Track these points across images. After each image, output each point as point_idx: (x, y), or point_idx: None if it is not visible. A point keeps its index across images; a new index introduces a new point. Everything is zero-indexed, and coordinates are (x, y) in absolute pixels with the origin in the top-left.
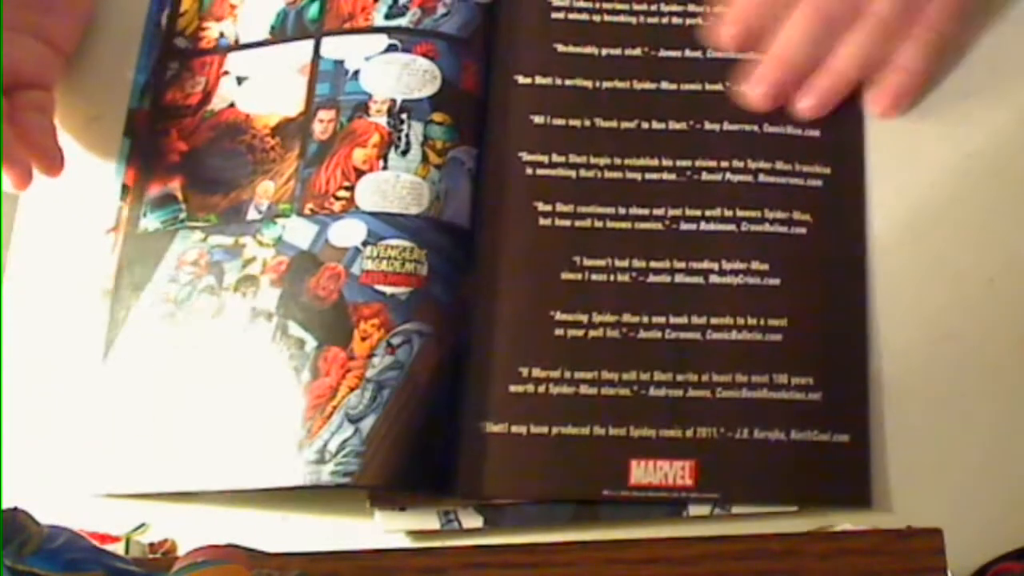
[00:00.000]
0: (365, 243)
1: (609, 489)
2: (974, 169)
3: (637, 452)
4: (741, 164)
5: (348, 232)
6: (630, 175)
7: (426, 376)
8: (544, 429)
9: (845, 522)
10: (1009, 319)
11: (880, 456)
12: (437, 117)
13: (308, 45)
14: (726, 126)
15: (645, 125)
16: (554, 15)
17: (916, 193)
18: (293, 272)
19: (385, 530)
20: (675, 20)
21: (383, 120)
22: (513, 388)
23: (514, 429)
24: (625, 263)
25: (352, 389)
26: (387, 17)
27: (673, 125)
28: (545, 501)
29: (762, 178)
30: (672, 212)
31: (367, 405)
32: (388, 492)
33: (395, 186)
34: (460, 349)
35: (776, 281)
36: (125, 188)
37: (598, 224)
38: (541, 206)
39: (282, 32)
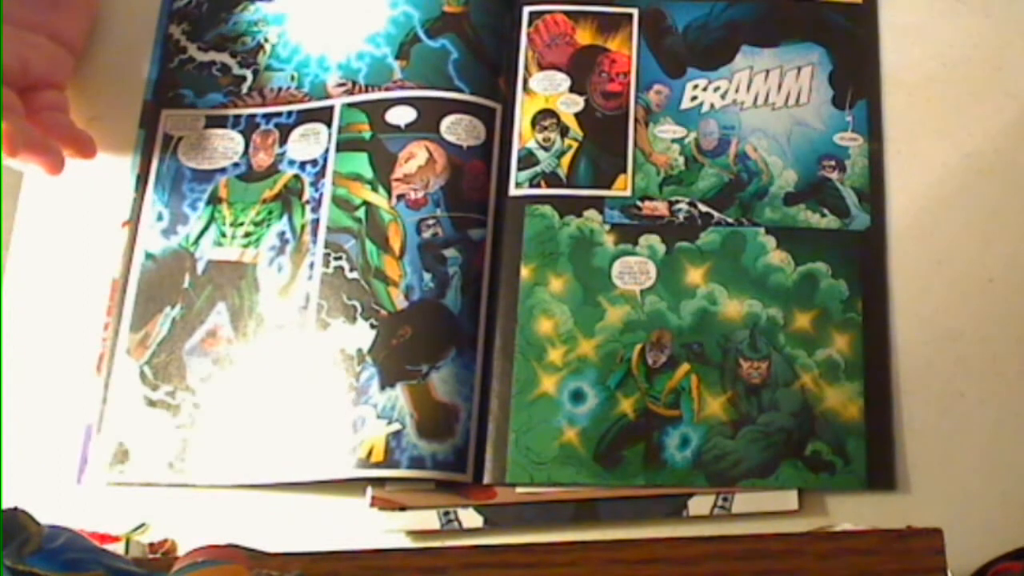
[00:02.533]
0: None
1: None
2: (974, 169)
3: None
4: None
5: None
6: None
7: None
8: None
9: (845, 522)
10: (1009, 319)
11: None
12: None
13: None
14: None
15: None
16: None
17: (916, 193)
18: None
19: (385, 530)
20: None
21: None
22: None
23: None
24: None
25: None
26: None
27: None
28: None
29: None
30: None
31: None
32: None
33: None
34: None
35: None
36: (140, 179)
37: None
38: None
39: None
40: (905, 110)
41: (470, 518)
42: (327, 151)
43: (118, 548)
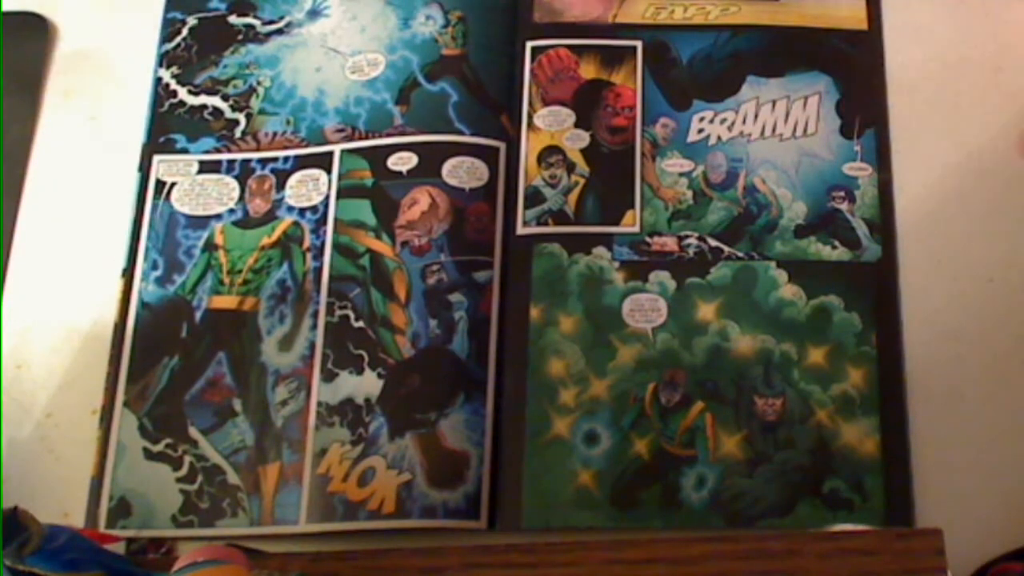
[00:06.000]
0: None
1: None
2: (974, 169)
3: None
4: None
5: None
6: None
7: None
8: None
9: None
10: (1009, 319)
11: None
12: None
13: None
14: None
15: None
16: None
17: (915, 193)
18: None
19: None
20: None
21: None
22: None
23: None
24: None
25: None
26: None
27: None
28: None
29: None
30: None
31: None
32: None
33: None
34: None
35: None
36: (134, 225)
37: None
38: None
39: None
40: (906, 110)
41: None
42: (327, 198)
43: (118, 548)
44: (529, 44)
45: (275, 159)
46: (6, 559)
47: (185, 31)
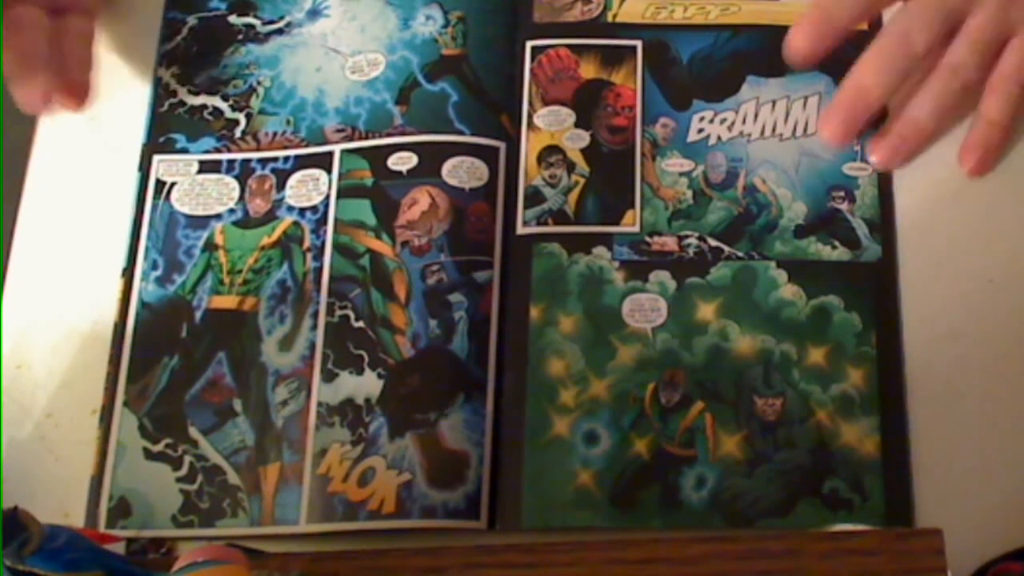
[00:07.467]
0: None
1: None
2: None
3: None
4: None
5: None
6: None
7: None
8: None
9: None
10: (1009, 319)
11: None
12: None
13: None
14: None
15: None
16: None
17: (916, 193)
18: None
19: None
20: None
21: None
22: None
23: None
24: None
25: None
26: None
27: None
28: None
29: None
30: None
31: None
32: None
33: None
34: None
35: None
36: (133, 225)
37: None
38: None
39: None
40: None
41: None
42: (328, 198)
43: (118, 548)
44: (529, 44)
45: (275, 159)
46: (6, 559)
47: (185, 31)
